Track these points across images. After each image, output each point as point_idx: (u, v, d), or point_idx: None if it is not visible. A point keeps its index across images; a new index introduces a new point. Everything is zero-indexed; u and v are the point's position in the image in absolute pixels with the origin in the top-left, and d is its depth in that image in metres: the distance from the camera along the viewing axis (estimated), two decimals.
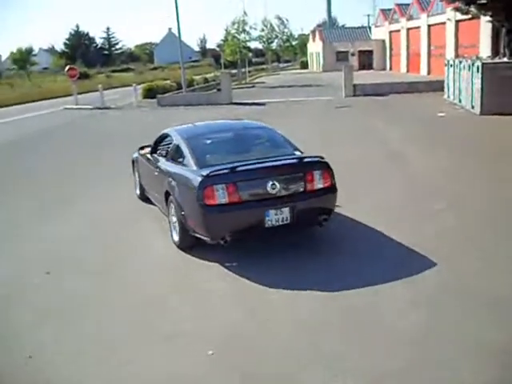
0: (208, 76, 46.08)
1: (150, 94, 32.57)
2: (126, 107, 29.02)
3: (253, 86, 42.32)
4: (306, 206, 6.28)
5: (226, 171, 6.04)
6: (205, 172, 6.06)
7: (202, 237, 6.24)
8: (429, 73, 41.14)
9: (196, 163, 6.50)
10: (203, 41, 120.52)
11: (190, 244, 6.57)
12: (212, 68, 70.91)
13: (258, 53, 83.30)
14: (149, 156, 8.18)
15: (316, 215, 6.41)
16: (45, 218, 8.58)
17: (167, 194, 6.88)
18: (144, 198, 8.84)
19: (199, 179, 6.02)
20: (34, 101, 38.56)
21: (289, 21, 69.27)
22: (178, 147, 7.11)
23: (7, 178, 12.27)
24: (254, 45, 63.43)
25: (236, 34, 50.69)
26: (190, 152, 6.74)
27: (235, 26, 50.46)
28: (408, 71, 47.03)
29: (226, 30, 52.83)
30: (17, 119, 27.09)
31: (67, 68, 34.41)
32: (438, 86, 23.95)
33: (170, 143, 7.51)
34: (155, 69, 76.26)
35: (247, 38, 52.34)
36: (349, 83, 26.40)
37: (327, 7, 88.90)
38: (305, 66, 77.16)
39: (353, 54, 60.57)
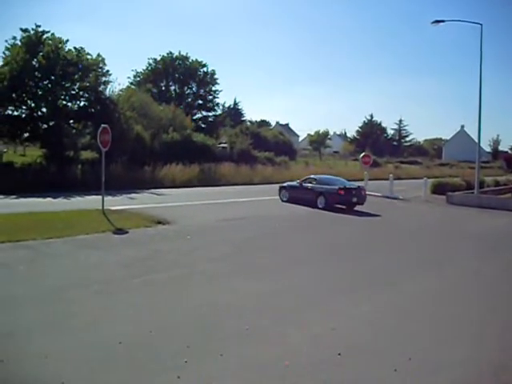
0: (499, 179, 44.70)
1: (438, 189, 33.18)
2: (413, 200, 30.14)
3: None
4: (359, 198, 23.90)
5: (342, 186, 23.84)
6: (338, 187, 23.82)
7: (335, 204, 23.83)
8: None
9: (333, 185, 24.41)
10: (496, 142, 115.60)
11: (328, 207, 23.33)
12: (501, 171, 67.97)
13: None
14: (297, 184, 25.65)
15: (362, 200, 24.11)
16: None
17: (318, 195, 23.92)
18: (287, 201, 25.47)
19: (337, 188, 23.65)
20: None
21: None
22: (322, 180, 25.12)
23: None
24: None
25: None
26: (333, 182, 25.08)
27: None
28: None
29: None
30: None
31: (362, 154, 37.65)
32: None
33: (311, 178, 25.64)
34: (443, 165, 76.40)
35: None
36: None
37: None
38: None
39: None
